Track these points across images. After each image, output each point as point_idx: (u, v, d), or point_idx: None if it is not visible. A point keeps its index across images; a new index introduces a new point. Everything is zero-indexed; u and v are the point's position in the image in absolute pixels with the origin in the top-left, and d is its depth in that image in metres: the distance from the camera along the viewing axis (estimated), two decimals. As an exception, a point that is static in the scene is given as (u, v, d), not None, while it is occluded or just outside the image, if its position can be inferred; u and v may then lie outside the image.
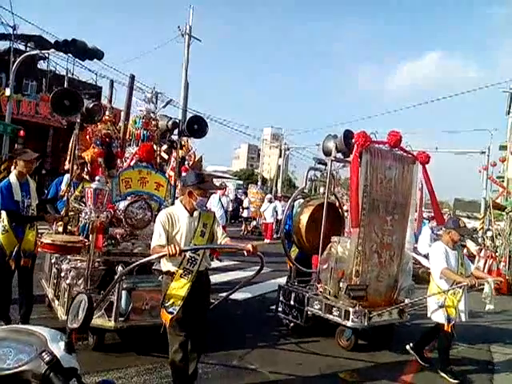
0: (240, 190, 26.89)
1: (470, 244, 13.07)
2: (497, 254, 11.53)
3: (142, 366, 4.16)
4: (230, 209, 17.71)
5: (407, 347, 4.94)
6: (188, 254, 3.29)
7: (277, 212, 16.57)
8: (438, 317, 4.56)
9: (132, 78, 5.85)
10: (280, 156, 42.80)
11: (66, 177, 5.68)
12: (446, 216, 9.66)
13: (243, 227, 18.79)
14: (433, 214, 7.15)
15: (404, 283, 5.21)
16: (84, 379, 1.52)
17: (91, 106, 5.11)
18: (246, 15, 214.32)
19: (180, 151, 6.06)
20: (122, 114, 9.69)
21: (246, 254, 3.19)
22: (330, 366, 4.65)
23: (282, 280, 8.26)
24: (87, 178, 5.54)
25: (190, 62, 22.69)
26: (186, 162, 5.91)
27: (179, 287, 3.34)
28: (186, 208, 3.48)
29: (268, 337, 5.39)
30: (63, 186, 5.60)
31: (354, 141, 4.70)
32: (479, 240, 13.81)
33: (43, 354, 1.37)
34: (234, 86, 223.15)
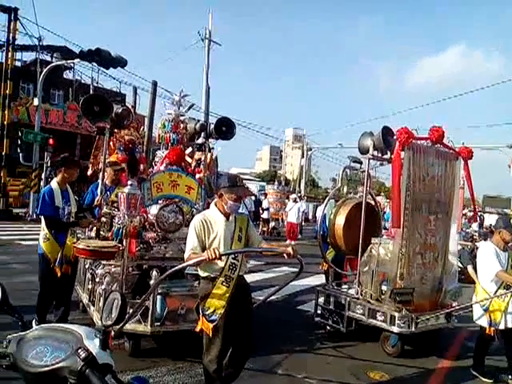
0: (262, 192, 26.79)
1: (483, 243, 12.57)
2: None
3: (173, 364, 4.20)
4: (253, 209, 17.50)
5: (471, 370, 4.63)
6: (229, 261, 3.21)
7: (301, 212, 16.35)
8: (482, 321, 4.34)
9: (155, 84, 5.86)
10: (302, 156, 42.54)
11: (100, 184, 5.71)
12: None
13: (260, 228, 18.25)
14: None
15: (450, 285, 4.97)
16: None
17: (120, 110, 5.12)
18: (267, 15, 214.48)
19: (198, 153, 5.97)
20: (146, 119, 9.75)
21: (286, 257, 3.08)
22: (370, 372, 4.49)
23: (308, 281, 8.16)
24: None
25: (211, 66, 22.86)
26: (202, 164, 5.83)
27: (221, 294, 3.24)
28: (221, 212, 3.37)
29: (303, 340, 5.27)
30: (99, 191, 5.65)
31: (395, 137, 4.51)
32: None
33: (79, 350, 1.39)
34: (254, 88, 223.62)
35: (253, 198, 18.42)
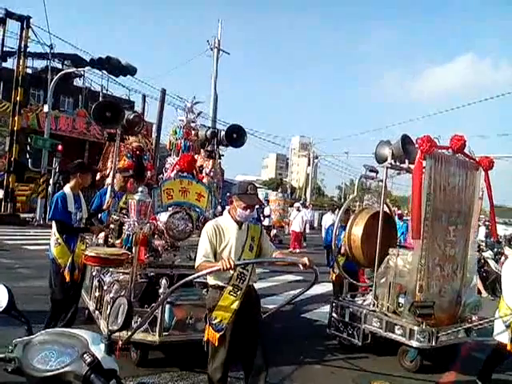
0: (265, 199, 26.64)
1: (509, 251, 12.44)
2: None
3: (177, 371, 4.19)
4: (255, 216, 17.41)
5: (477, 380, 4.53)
6: (238, 270, 3.13)
7: (304, 220, 16.29)
8: (502, 337, 4.20)
9: (163, 92, 5.87)
10: (309, 164, 42.50)
11: (110, 189, 5.70)
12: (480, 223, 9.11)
13: None
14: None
15: (469, 299, 4.84)
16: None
17: (132, 117, 5.11)
18: (272, 23, 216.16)
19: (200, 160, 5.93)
20: (154, 126, 9.76)
21: (301, 267, 3.00)
22: (373, 382, 4.37)
23: (312, 290, 8.01)
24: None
25: (219, 75, 23.03)
26: (204, 170, 5.79)
27: (228, 304, 3.17)
28: (233, 219, 3.30)
29: (313, 352, 5.16)
30: (108, 197, 5.63)
31: (416, 146, 4.42)
32: (515, 246, 13.20)
33: (85, 355, 1.41)
34: (261, 96, 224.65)
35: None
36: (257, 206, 4.85)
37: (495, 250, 11.92)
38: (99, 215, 5.37)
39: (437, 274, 4.65)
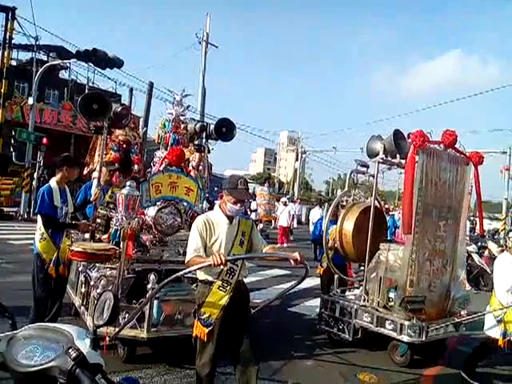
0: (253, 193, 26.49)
1: (492, 245, 12.71)
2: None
3: (163, 366, 4.19)
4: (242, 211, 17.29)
5: (462, 373, 4.58)
6: (228, 265, 3.08)
7: (291, 215, 16.32)
8: (493, 332, 4.24)
9: (151, 85, 5.76)
10: (297, 159, 42.60)
11: (96, 181, 5.60)
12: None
13: None
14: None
15: (457, 293, 4.87)
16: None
17: (119, 109, 5.00)
18: (259, 19, 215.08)
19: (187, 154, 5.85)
20: (141, 120, 9.62)
21: (292, 262, 2.98)
22: (359, 374, 4.47)
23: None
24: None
25: (207, 68, 22.87)
26: (190, 164, 5.72)
27: (217, 299, 3.14)
28: (224, 214, 3.27)
29: (302, 346, 5.17)
30: (93, 191, 5.53)
31: (409, 141, 4.43)
32: (501, 241, 13.45)
33: (70, 350, 1.40)
34: (249, 90, 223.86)
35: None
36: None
37: (479, 244, 12.13)
38: (84, 209, 5.28)
39: (427, 268, 4.67)
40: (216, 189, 17.80)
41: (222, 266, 2.92)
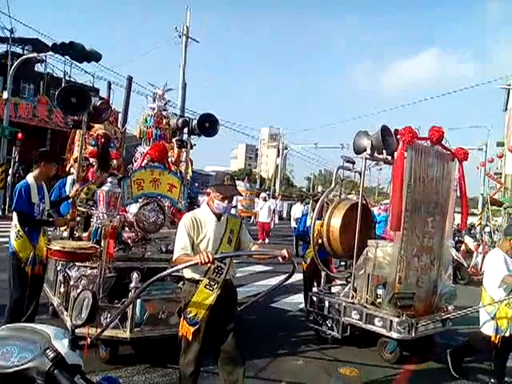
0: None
1: (469, 240, 13.00)
2: (495, 249, 11.40)
3: (144, 365, 4.13)
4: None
5: (448, 351, 4.65)
6: (215, 263, 3.03)
7: (272, 210, 16.31)
8: (488, 329, 4.24)
9: (130, 79, 5.63)
10: (278, 155, 42.72)
11: (70, 178, 5.43)
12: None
13: None
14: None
15: (444, 289, 4.89)
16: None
17: (99, 103, 4.87)
18: (241, 13, 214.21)
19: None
20: (120, 115, 9.38)
21: (280, 260, 2.95)
22: (340, 368, 4.50)
23: (279, 279, 8.04)
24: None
25: (188, 63, 22.62)
26: (170, 159, 5.62)
27: (203, 298, 3.08)
28: (212, 211, 3.21)
29: (286, 343, 5.14)
30: (67, 188, 5.36)
31: (399, 137, 4.41)
32: (477, 236, 13.76)
33: (47, 351, 1.37)
34: (230, 86, 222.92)
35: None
36: None
37: (456, 238, 12.36)
38: (58, 207, 5.11)
39: (415, 264, 4.67)
40: (196, 184, 17.68)
41: (209, 265, 2.86)
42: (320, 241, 5.17)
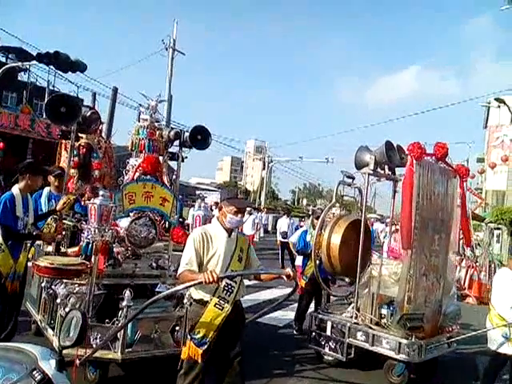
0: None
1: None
2: (477, 263, 11.54)
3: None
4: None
5: None
6: (224, 281, 2.92)
7: (256, 224, 16.23)
8: (504, 348, 4.14)
9: (115, 90, 5.50)
10: (263, 168, 42.78)
11: (46, 190, 5.23)
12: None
13: None
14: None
15: (449, 308, 4.78)
16: None
17: (88, 114, 4.73)
18: (227, 27, 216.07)
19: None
20: (104, 126, 9.20)
21: (285, 279, 2.87)
22: None
23: (269, 293, 7.96)
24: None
25: (174, 74, 22.58)
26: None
27: (213, 318, 2.96)
28: (223, 227, 3.11)
29: (283, 363, 4.98)
30: (43, 200, 5.17)
31: (407, 153, 4.36)
32: (460, 250, 13.96)
33: (34, 372, 1.33)
34: (216, 98, 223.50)
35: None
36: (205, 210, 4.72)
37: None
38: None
39: (423, 284, 4.54)
40: (181, 197, 17.53)
41: (214, 284, 2.75)
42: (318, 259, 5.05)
